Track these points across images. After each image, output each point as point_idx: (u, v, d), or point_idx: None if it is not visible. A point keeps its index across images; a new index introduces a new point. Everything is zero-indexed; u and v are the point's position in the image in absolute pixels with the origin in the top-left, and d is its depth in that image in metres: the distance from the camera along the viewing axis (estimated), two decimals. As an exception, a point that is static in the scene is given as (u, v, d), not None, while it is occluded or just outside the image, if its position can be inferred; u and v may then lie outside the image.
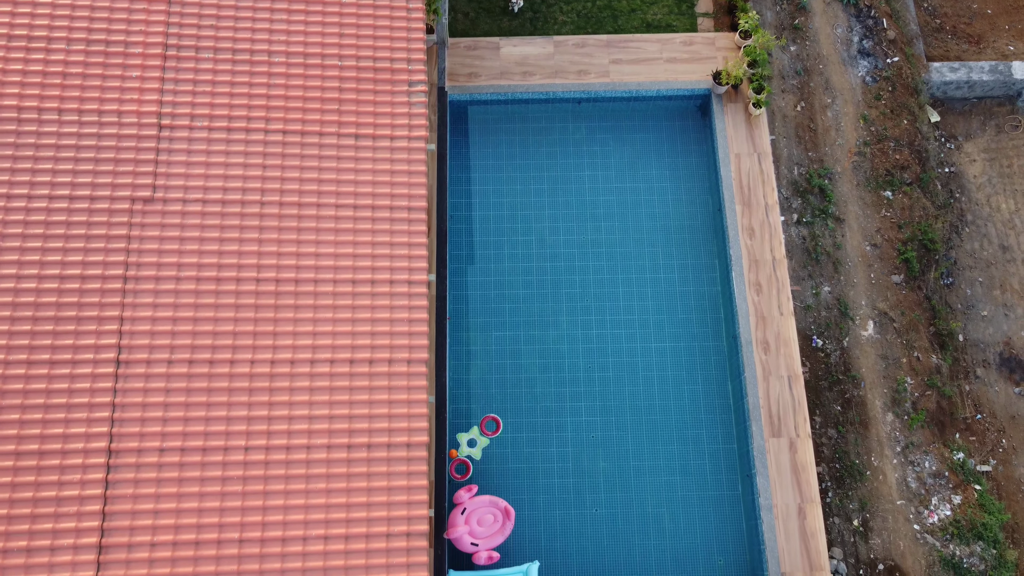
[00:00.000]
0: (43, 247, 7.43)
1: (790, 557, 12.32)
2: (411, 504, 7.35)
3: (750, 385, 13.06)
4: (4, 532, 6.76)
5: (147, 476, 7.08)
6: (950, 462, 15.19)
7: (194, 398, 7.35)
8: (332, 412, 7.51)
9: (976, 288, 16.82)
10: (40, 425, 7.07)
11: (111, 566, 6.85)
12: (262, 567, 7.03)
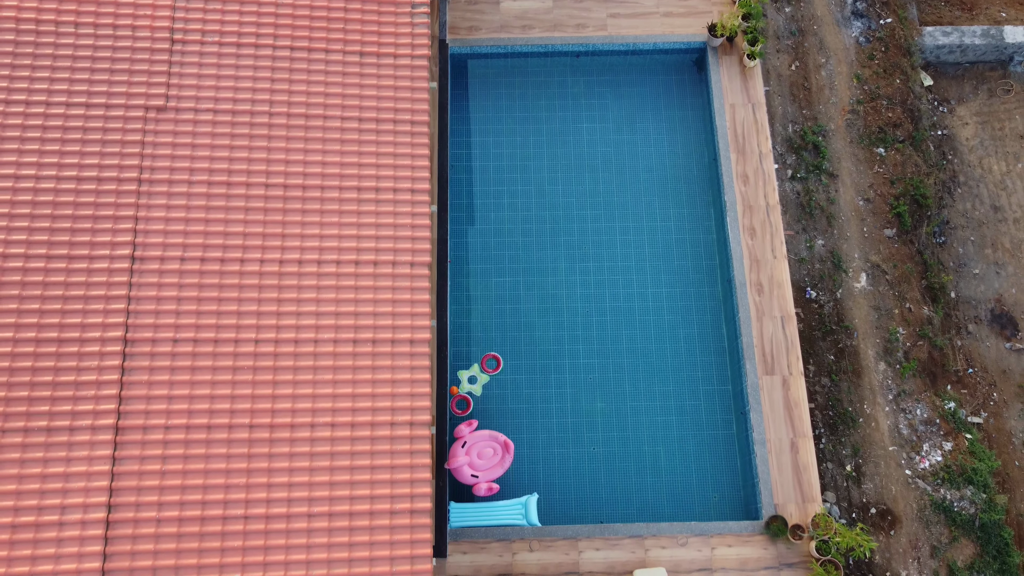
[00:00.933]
0: (61, 150, 7.75)
1: (783, 489, 12.62)
2: (414, 396, 7.65)
3: (744, 325, 13.37)
4: (25, 413, 7.07)
5: (161, 364, 7.40)
6: (941, 411, 15.49)
7: (206, 293, 7.66)
8: (338, 309, 7.82)
9: (968, 247, 17.11)
10: (59, 315, 7.38)
11: (127, 447, 7.16)
12: (271, 451, 7.34)
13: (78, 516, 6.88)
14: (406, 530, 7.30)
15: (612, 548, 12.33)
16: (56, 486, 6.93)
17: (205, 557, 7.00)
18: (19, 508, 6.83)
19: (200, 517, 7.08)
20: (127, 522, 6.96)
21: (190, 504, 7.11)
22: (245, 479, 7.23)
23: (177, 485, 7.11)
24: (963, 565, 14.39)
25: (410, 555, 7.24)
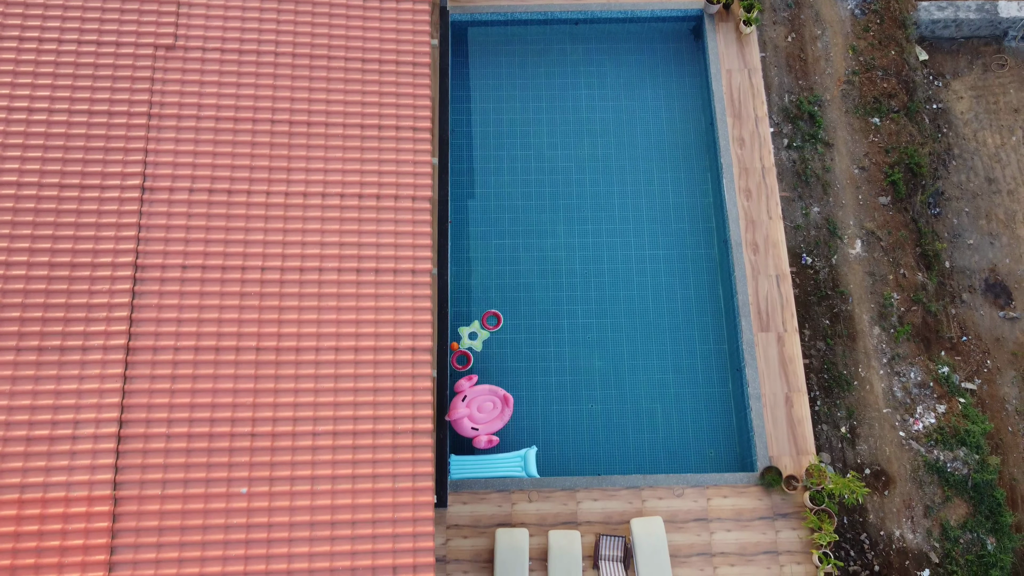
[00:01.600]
0: (73, 85, 7.98)
1: (778, 442, 12.83)
2: (416, 323, 7.87)
3: (739, 284, 13.58)
4: (39, 332, 7.30)
5: (171, 289, 7.62)
6: (935, 375, 15.70)
7: (214, 223, 7.89)
8: (342, 240, 8.05)
9: (963, 218, 17.32)
10: (72, 240, 7.61)
11: (138, 366, 7.39)
12: (277, 373, 7.57)
13: (90, 431, 7.11)
14: (408, 449, 7.52)
15: (609, 499, 12.55)
16: (69, 402, 7.16)
17: (213, 471, 7.23)
18: (33, 422, 7.06)
19: (208, 434, 7.30)
20: (138, 437, 7.19)
21: (199, 421, 7.33)
22: (252, 399, 7.45)
23: (186, 403, 7.34)
24: (956, 524, 14.61)
25: (412, 473, 7.47)
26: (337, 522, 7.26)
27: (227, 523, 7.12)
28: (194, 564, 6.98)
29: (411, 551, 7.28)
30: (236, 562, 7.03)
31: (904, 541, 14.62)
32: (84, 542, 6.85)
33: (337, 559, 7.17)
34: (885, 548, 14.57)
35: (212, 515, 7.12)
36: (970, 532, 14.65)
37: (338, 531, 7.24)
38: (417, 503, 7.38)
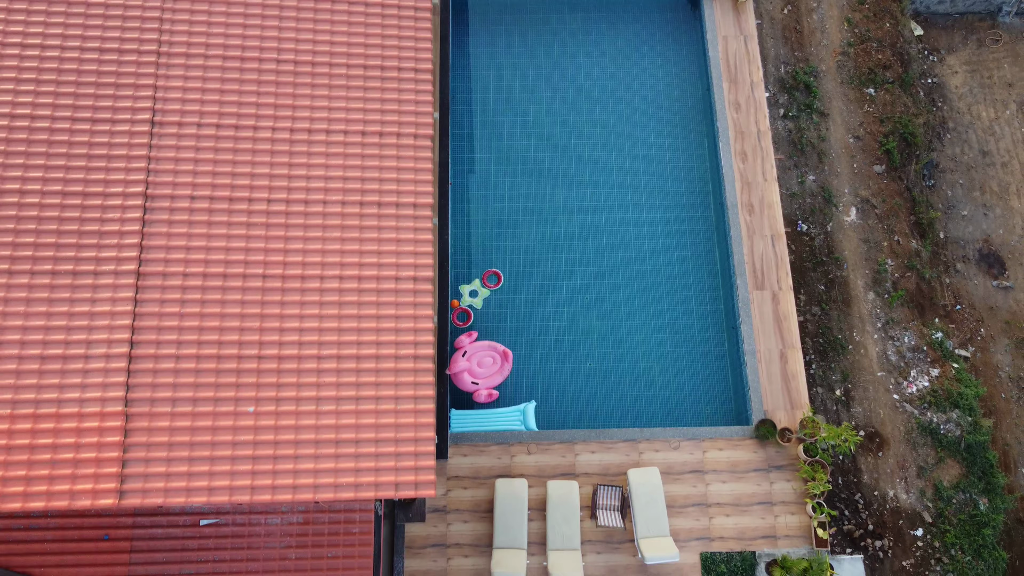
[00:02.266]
0: (84, 23, 8.21)
1: (772, 397, 13.06)
2: (417, 254, 8.11)
3: (735, 244, 13.81)
4: (53, 257, 7.53)
5: (179, 219, 7.85)
6: (928, 339, 15.93)
7: (221, 156, 8.12)
8: (346, 175, 8.28)
9: (957, 190, 17.54)
10: (84, 171, 7.84)
11: (149, 291, 7.62)
12: (283, 299, 7.80)
13: (102, 351, 7.33)
14: (410, 373, 7.75)
15: (607, 451, 12.77)
16: (82, 323, 7.38)
17: (221, 391, 7.46)
18: (48, 342, 7.28)
19: (216, 355, 7.53)
20: (148, 357, 7.41)
21: (207, 344, 7.56)
22: (259, 323, 7.68)
23: (195, 326, 7.56)
24: (949, 485, 14.83)
25: (414, 396, 7.70)
26: (341, 440, 7.48)
27: (234, 440, 7.34)
28: (203, 478, 7.21)
29: (412, 469, 7.51)
30: (243, 477, 7.26)
31: (898, 501, 14.84)
32: (96, 455, 7.08)
33: (341, 476, 7.39)
34: (879, 508, 14.79)
35: (220, 432, 7.35)
36: (963, 492, 14.87)
37: (342, 449, 7.47)
38: (419, 424, 7.62)
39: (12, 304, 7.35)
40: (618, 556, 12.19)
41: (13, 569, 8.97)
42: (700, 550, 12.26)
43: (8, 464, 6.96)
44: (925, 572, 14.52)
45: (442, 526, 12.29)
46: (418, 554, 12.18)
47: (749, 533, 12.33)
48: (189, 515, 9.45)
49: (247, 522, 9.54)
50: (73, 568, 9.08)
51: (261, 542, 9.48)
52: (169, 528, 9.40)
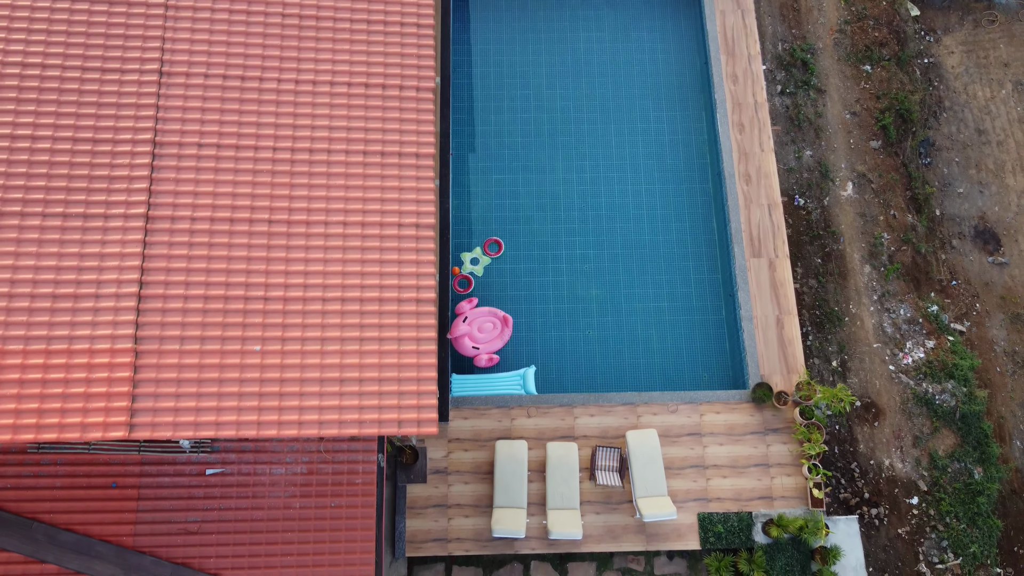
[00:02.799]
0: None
1: (769, 362, 13.23)
2: (420, 202, 8.29)
3: (732, 212, 13.99)
4: (64, 200, 7.72)
5: (187, 165, 8.04)
6: (924, 312, 16.11)
7: (228, 106, 8.30)
8: (349, 124, 8.47)
9: (953, 168, 17.73)
10: (94, 118, 8.02)
11: (157, 234, 7.80)
12: (288, 244, 7.98)
13: (112, 291, 7.51)
14: (412, 315, 7.92)
15: (606, 415, 12.95)
16: (92, 264, 7.56)
17: (228, 331, 7.63)
18: (59, 281, 7.46)
19: (224, 296, 7.70)
20: (157, 298, 7.59)
21: (214, 285, 7.73)
22: (264, 267, 7.86)
23: (202, 268, 7.74)
24: (944, 454, 15.02)
25: (416, 337, 7.88)
26: (345, 379, 7.66)
27: (241, 377, 7.52)
28: (211, 413, 7.39)
29: (415, 407, 7.69)
30: (250, 412, 7.44)
31: (893, 470, 15.02)
32: (107, 390, 7.26)
33: (345, 413, 7.57)
34: (875, 477, 14.98)
35: (227, 370, 7.53)
36: (958, 462, 15.05)
37: (346, 388, 7.65)
38: (421, 364, 7.80)
39: (24, 245, 7.53)
40: (617, 516, 12.37)
41: (23, 515, 9.17)
42: (697, 511, 12.44)
43: (22, 397, 7.14)
44: (920, 540, 14.71)
45: (443, 487, 12.47)
46: (419, 514, 12.36)
47: (746, 494, 12.51)
48: (195, 464, 9.64)
49: (252, 472, 9.74)
50: (81, 514, 9.27)
51: (266, 491, 9.68)
52: (176, 477, 9.59)
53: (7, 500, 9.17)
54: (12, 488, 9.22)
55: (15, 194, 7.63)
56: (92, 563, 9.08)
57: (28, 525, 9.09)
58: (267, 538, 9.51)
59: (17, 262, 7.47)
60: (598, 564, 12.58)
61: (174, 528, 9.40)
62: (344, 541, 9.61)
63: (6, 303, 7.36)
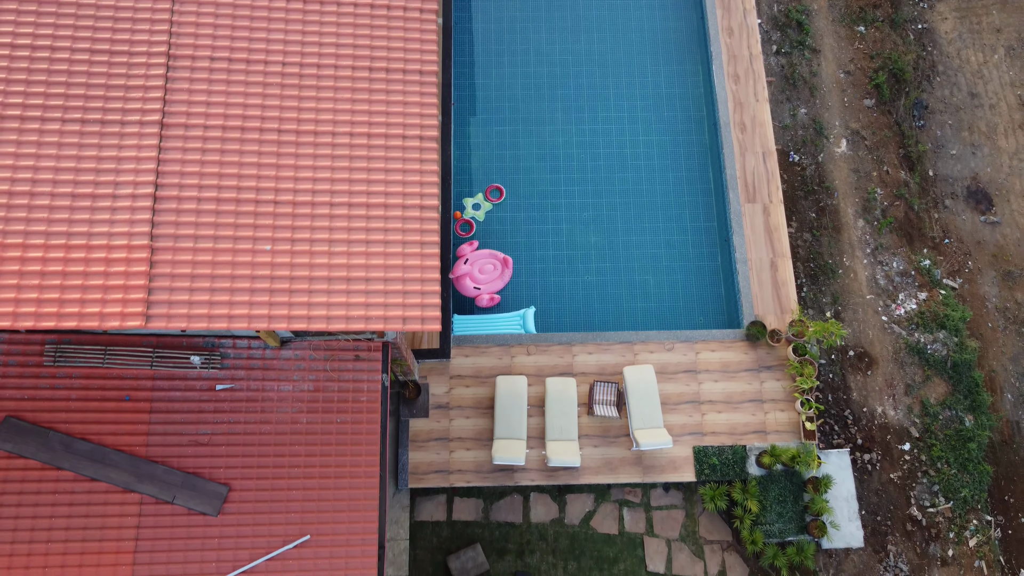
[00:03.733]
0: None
1: (763, 302, 13.54)
2: (423, 116, 8.61)
3: (728, 160, 14.30)
4: (82, 107, 8.03)
5: (200, 76, 8.35)
6: (916, 265, 16.43)
7: (239, 23, 8.61)
8: (355, 42, 8.78)
9: (946, 130, 18.04)
10: (110, 31, 8.34)
11: (171, 140, 8.11)
12: (297, 152, 8.30)
13: (129, 191, 7.82)
14: (416, 220, 8.24)
15: (603, 352, 13.26)
16: (110, 166, 7.87)
17: (240, 231, 7.94)
18: (78, 181, 7.77)
19: (235, 199, 8.01)
20: (171, 199, 7.90)
21: (226, 188, 8.04)
22: (274, 172, 8.17)
23: (215, 172, 8.05)
24: (935, 402, 15.32)
25: (419, 240, 8.19)
26: (352, 278, 7.98)
27: (253, 274, 7.84)
28: (223, 307, 7.71)
29: (419, 305, 8.01)
30: (261, 307, 7.76)
31: (886, 417, 15.33)
32: (124, 283, 7.57)
33: (352, 309, 7.89)
34: (868, 424, 15.28)
35: (239, 267, 7.84)
36: (949, 409, 15.35)
37: (353, 286, 7.96)
38: (424, 266, 8.12)
39: (45, 147, 7.85)
40: (614, 449, 12.68)
41: (40, 425, 9.48)
42: (693, 444, 12.74)
43: (43, 287, 7.46)
44: (912, 484, 15.01)
45: (445, 421, 12.78)
46: (422, 447, 12.67)
47: (740, 428, 12.82)
48: (205, 380, 9.96)
49: (260, 388, 10.05)
50: (96, 425, 9.59)
51: (273, 407, 9.99)
52: (186, 392, 9.90)
53: (25, 410, 9.49)
54: (29, 399, 9.53)
55: (36, 100, 7.96)
56: (106, 470, 9.40)
57: (45, 434, 9.41)
58: (275, 451, 9.82)
59: (38, 163, 7.80)
60: (596, 496, 12.89)
61: (185, 440, 9.71)
62: (350, 455, 9.92)
63: (27, 200, 7.69)
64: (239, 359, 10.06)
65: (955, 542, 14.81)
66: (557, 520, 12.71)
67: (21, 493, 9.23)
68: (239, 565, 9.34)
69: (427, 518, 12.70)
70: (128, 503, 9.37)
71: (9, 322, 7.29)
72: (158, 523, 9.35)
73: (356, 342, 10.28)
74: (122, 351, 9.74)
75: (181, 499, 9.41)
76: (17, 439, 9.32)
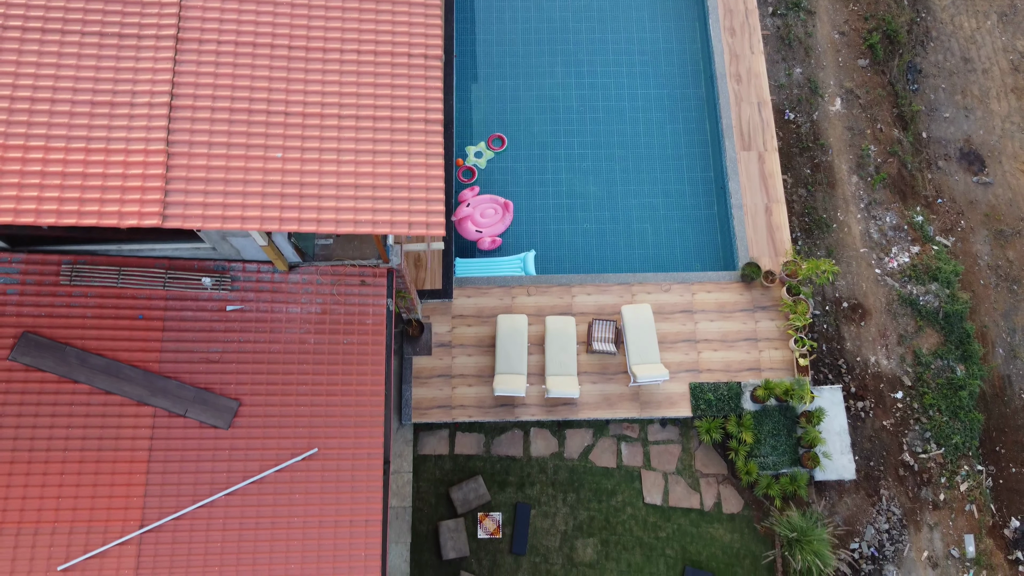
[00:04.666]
0: None
1: (758, 245, 13.86)
2: (428, 36, 8.93)
3: (724, 110, 14.63)
4: (100, 21, 8.35)
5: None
6: (909, 220, 16.76)
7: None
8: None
9: (939, 94, 18.37)
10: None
11: (186, 53, 8.42)
12: (307, 67, 8.62)
13: (146, 100, 8.14)
14: (421, 133, 8.57)
15: (602, 293, 13.59)
16: (127, 76, 8.18)
17: (252, 139, 8.25)
18: (96, 90, 8.09)
19: (247, 109, 8.32)
20: (186, 108, 8.21)
21: (239, 99, 8.35)
22: (285, 86, 8.49)
23: (228, 84, 8.36)
24: (928, 352, 15.65)
25: (424, 152, 8.52)
26: (360, 185, 8.31)
27: (264, 179, 8.16)
28: (236, 208, 8.03)
29: (424, 212, 8.34)
30: (272, 209, 8.08)
31: (879, 367, 15.66)
32: (142, 184, 7.89)
33: (360, 213, 8.22)
34: (861, 372, 15.61)
35: (252, 172, 8.16)
36: (941, 359, 15.68)
37: (361, 192, 8.29)
38: (429, 175, 8.44)
39: (65, 58, 8.17)
40: (612, 385, 13.00)
41: (56, 340, 9.81)
42: (689, 381, 13.07)
43: (64, 187, 7.78)
44: (904, 431, 15.33)
45: (447, 359, 13.11)
46: (425, 383, 13.00)
47: (735, 366, 13.14)
48: (216, 301, 10.28)
49: (269, 310, 10.38)
50: (110, 342, 9.91)
51: (282, 327, 10.32)
52: (198, 312, 10.23)
53: (42, 327, 9.82)
54: (46, 316, 9.86)
55: (56, 13, 8.28)
56: (121, 384, 9.72)
57: (61, 349, 9.73)
58: (283, 368, 10.14)
59: (58, 72, 8.12)
60: (594, 431, 13.22)
61: (197, 357, 10.03)
62: (356, 374, 10.24)
63: (48, 107, 8.01)
64: (248, 282, 10.39)
65: (946, 487, 15.13)
66: (557, 454, 13.04)
67: (39, 404, 9.55)
68: (249, 475, 9.66)
69: (430, 452, 13.03)
70: (142, 415, 9.69)
71: (32, 217, 7.62)
72: (171, 435, 9.67)
73: (362, 268, 10.61)
74: (136, 271, 10.07)
75: (193, 413, 9.73)
76: (35, 353, 9.64)
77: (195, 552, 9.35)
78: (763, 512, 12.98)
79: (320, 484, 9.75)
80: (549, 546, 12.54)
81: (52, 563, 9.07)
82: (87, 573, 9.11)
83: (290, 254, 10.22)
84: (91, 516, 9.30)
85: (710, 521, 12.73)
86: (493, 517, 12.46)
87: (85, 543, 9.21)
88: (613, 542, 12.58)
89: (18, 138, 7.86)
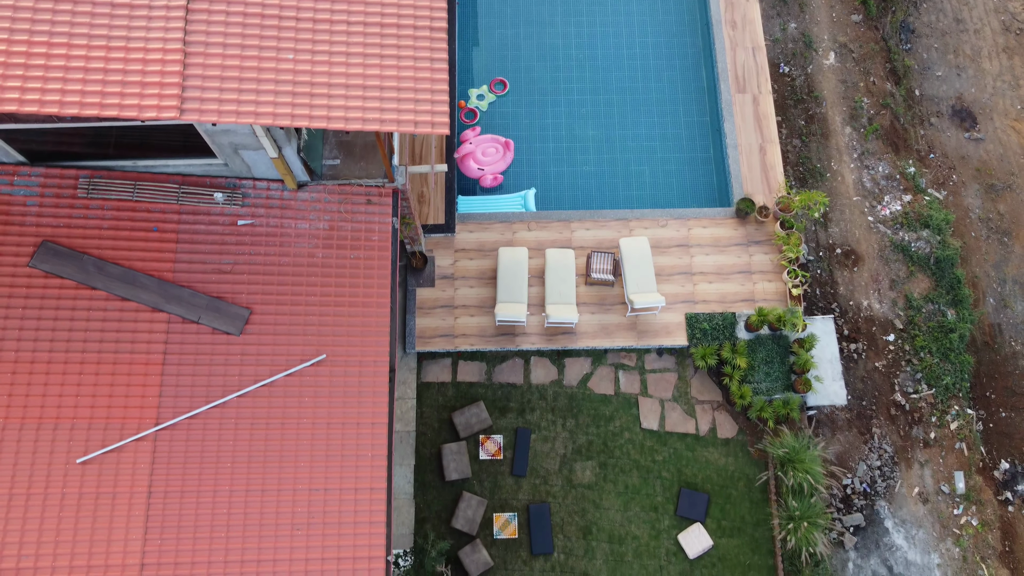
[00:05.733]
0: None
1: (752, 183, 14.24)
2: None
3: (719, 55, 15.01)
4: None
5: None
6: (902, 170, 17.14)
7: None
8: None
9: (932, 53, 18.74)
10: None
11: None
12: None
13: (163, 2, 8.52)
14: (427, 40, 8.93)
15: (600, 228, 13.96)
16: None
17: (265, 41, 8.62)
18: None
19: (260, 15, 8.70)
20: (202, 11, 8.57)
21: (252, 4, 8.74)
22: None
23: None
24: (919, 296, 16.02)
25: (430, 57, 8.89)
26: (368, 86, 8.68)
27: (277, 79, 8.53)
28: (250, 105, 8.40)
29: (429, 112, 8.73)
30: (285, 106, 8.46)
31: (872, 310, 16.03)
32: (160, 80, 8.27)
33: (368, 112, 8.60)
34: (854, 316, 15.98)
35: (264, 72, 8.53)
36: (932, 303, 16.04)
37: (369, 93, 8.66)
38: (434, 79, 8.82)
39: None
40: (610, 316, 13.37)
41: (74, 248, 10.18)
42: (685, 311, 13.44)
43: (87, 81, 8.16)
44: (896, 372, 15.71)
45: (450, 290, 13.48)
46: (428, 314, 13.37)
47: (730, 297, 13.51)
48: (227, 216, 10.66)
49: (279, 225, 10.75)
50: (126, 252, 10.29)
51: (291, 241, 10.69)
52: (210, 225, 10.60)
53: (60, 236, 10.19)
54: (65, 227, 10.23)
55: (77, -78, 8.66)
56: (137, 291, 10.09)
57: (79, 257, 10.11)
58: (292, 280, 10.51)
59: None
60: (593, 360, 13.59)
61: (209, 268, 10.41)
62: (362, 287, 10.62)
63: (71, 6, 8.39)
64: (259, 198, 10.76)
65: (937, 426, 15.49)
66: (556, 382, 13.41)
67: (58, 309, 9.92)
68: (260, 379, 10.03)
69: (433, 379, 13.40)
70: (156, 321, 10.06)
71: (56, 108, 8.00)
72: (184, 340, 10.04)
73: (368, 188, 10.99)
74: (150, 186, 10.44)
75: (206, 319, 10.11)
76: (54, 261, 10.01)
77: (208, 449, 9.72)
78: (756, 437, 13.34)
79: (328, 388, 10.12)
80: (549, 468, 12.91)
81: (72, 455, 9.44)
82: (105, 466, 9.48)
83: (299, 171, 10.59)
84: (108, 414, 9.67)
85: (705, 445, 13.10)
86: (495, 439, 12.83)
87: (103, 439, 9.58)
88: (611, 465, 12.95)
89: (42, 35, 8.24)
